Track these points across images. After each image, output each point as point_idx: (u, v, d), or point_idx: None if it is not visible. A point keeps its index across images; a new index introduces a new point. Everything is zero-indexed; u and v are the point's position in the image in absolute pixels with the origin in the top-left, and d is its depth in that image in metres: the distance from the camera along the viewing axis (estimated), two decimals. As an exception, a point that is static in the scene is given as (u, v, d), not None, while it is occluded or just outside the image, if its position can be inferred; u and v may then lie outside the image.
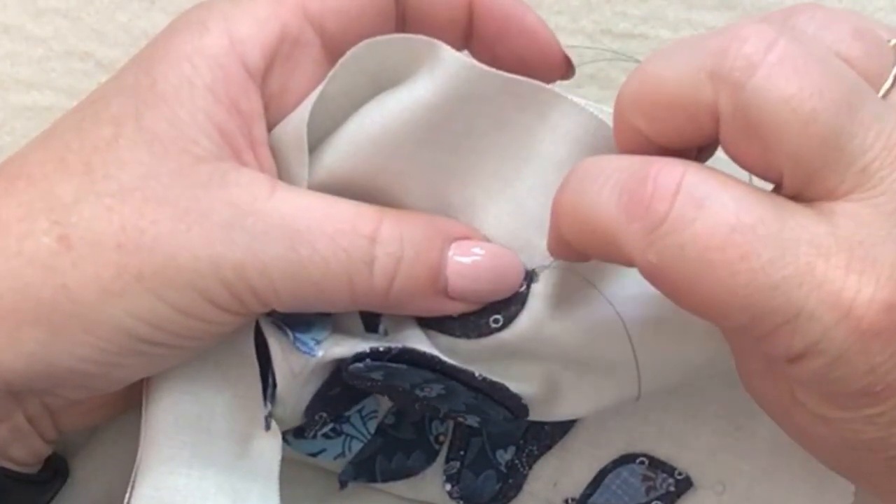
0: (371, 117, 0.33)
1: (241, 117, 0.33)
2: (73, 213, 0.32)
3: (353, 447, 0.39)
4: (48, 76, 0.43)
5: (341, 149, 0.34)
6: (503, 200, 0.34)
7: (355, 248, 0.32)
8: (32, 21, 0.42)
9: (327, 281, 0.32)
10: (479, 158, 0.34)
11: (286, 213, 0.32)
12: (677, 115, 0.29)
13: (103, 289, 0.32)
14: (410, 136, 0.33)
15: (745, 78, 0.28)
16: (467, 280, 0.34)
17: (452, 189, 0.34)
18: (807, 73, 0.28)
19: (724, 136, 0.29)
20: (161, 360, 0.34)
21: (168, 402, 0.35)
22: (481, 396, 0.36)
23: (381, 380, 0.35)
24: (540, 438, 0.40)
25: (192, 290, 0.32)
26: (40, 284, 0.32)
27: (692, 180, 0.28)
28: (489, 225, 0.34)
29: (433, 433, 0.41)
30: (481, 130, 0.33)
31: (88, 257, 0.32)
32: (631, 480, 0.40)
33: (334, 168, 0.34)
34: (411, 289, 0.33)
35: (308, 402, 0.36)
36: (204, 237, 0.32)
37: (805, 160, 0.28)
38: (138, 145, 0.32)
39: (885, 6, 0.38)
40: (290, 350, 0.34)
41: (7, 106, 0.43)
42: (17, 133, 0.43)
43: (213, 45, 0.33)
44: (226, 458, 0.35)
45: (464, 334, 0.35)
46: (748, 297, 0.27)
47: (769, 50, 0.28)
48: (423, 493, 0.41)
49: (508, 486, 0.41)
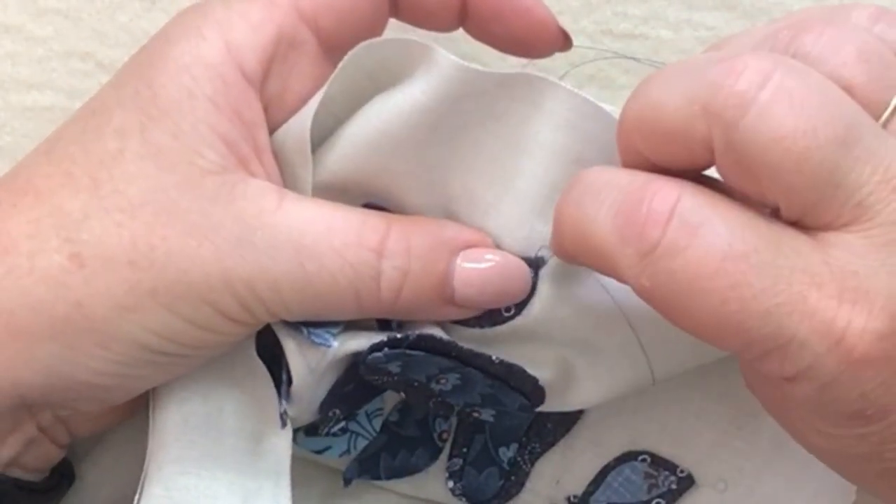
0: (369, 119, 0.33)
1: (244, 126, 0.33)
2: (83, 229, 0.32)
3: (358, 444, 0.40)
4: (49, 76, 0.43)
5: (342, 150, 0.34)
6: (503, 190, 0.34)
7: (362, 263, 0.33)
8: (33, 21, 0.42)
9: (335, 294, 0.33)
10: (477, 151, 0.34)
11: (293, 227, 0.32)
12: (673, 144, 0.29)
13: (117, 305, 0.32)
14: (408, 137, 0.33)
15: (738, 117, 0.27)
16: (474, 289, 0.34)
17: (453, 183, 0.34)
18: (801, 110, 0.27)
19: (720, 168, 0.29)
20: (174, 369, 0.34)
21: (176, 403, 0.35)
22: (497, 384, 0.36)
23: (399, 372, 0.35)
24: (543, 436, 0.41)
25: (205, 304, 0.32)
26: (53, 302, 0.32)
27: (687, 205, 0.28)
28: (492, 215, 0.35)
29: (437, 430, 0.41)
30: (477, 124, 0.34)
31: (101, 274, 0.32)
32: (633, 478, 0.40)
33: (336, 169, 0.34)
34: (418, 299, 0.34)
35: (322, 398, 0.36)
36: (214, 253, 0.32)
37: (800, 197, 0.28)
38: (144, 159, 0.32)
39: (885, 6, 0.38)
40: (305, 345, 0.35)
41: (7, 106, 0.43)
42: (17, 133, 0.43)
43: (211, 54, 0.33)
44: (236, 457, 0.35)
45: (477, 324, 0.35)
46: (740, 323, 0.27)
47: (763, 86, 0.27)
48: (425, 490, 0.42)
49: (511, 483, 0.41)
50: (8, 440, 0.34)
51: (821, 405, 0.28)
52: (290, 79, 0.34)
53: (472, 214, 0.35)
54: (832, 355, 0.27)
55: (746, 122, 0.27)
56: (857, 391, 0.28)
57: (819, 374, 0.27)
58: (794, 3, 0.38)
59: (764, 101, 0.27)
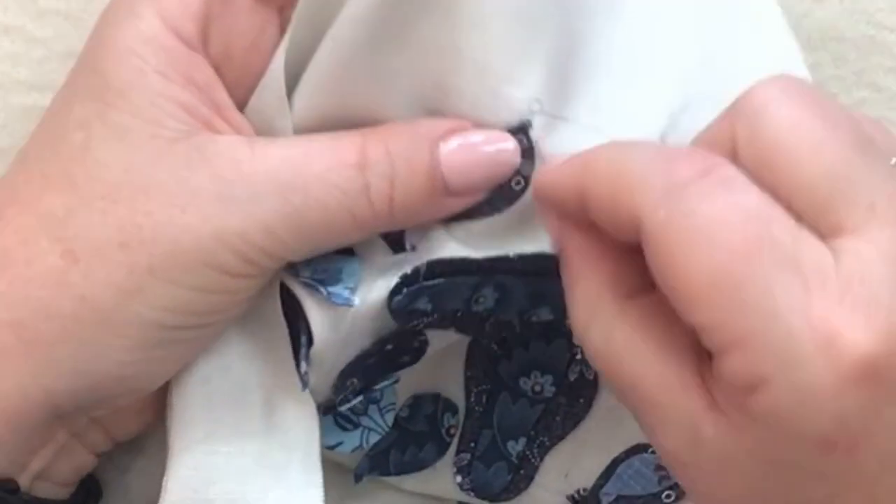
0: (322, 49, 0.33)
1: (198, 89, 0.33)
2: (69, 225, 0.32)
3: (370, 439, 0.40)
4: (49, 77, 0.42)
5: (307, 89, 0.34)
6: (461, 66, 0.33)
7: (346, 181, 0.32)
8: (33, 22, 0.42)
9: (329, 220, 0.33)
10: (425, 41, 0.33)
11: (270, 168, 0.32)
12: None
13: (120, 290, 0.32)
14: (359, 50, 0.32)
15: (763, 106, 0.28)
16: (464, 173, 0.33)
17: (418, 80, 0.33)
18: (820, 108, 0.28)
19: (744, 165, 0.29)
20: (195, 343, 0.34)
21: (198, 382, 0.35)
22: (532, 278, 0.35)
23: (431, 308, 0.35)
24: (551, 429, 0.41)
25: (205, 267, 0.32)
26: (59, 303, 0.32)
27: (727, 169, 0.28)
28: (463, 98, 0.34)
29: (444, 425, 0.41)
30: (422, 6, 0.32)
31: (96, 264, 0.32)
32: (643, 470, 0.41)
33: (309, 109, 0.34)
34: (412, 200, 0.33)
35: (343, 366, 0.36)
36: (200, 215, 0.32)
37: (814, 189, 0.28)
38: (110, 142, 0.32)
39: (885, 7, 0.38)
40: (326, 305, 0.34)
41: (7, 107, 0.42)
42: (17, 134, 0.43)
43: (149, 29, 0.33)
44: (262, 430, 0.35)
45: (495, 209, 0.34)
46: (737, 287, 0.27)
47: (783, 90, 0.29)
48: (434, 485, 0.42)
49: (520, 477, 0.42)
50: (40, 452, 0.34)
51: (786, 423, 0.27)
52: (231, 35, 0.34)
53: (447, 106, 0.34)
54: (820, 358, 0.26)
55: (770, 109, 0.28)
56: (834, 410, 0.26)
57: (800, 378, 0.26)
58: (794, 3, 0.39)
59: (784, 95, 0.28)
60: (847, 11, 0.39)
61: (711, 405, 0.28)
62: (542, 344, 0.40)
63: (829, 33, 0.39)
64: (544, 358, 0.41)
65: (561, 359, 0.40)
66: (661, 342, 0.29)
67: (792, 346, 0.26)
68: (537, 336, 0.40)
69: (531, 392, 0.41)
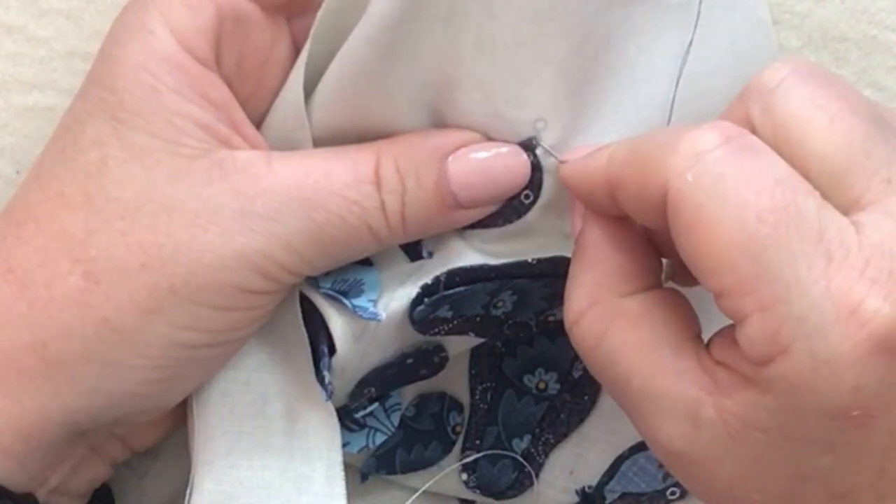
0: (333, 65, 0.33)
1: (214, 107, 0.33)
2: (90, 246, 0.32)
3: (376, 440, 0.40)
4: (50, 77, 0.42)
5: (321, 101, 0.34)
6: (468, 87, 0.34)
7: (365, 198, 0.33)
8: (34, 22, 0.42)
9: (349, 236, 0.33)
10: (433, 63, 0.33)
11: (291, 184, 0.32)
12: None
13: (141, 310, 0.32)
14: (370, 67, 0.33)
15: (776, 82, 0.29)
16: (473, 186, 0.34)
17: (428, 97, 0.34)
18: (835, 87, 0.29)
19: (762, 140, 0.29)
20: (216, 361, 0.34)
21: (219, 395, 0.35)
22: (549, 281, 0.35)
23: (452, 315, 0.35)
24: (556, 427, 0.41)
25: (227, 286, 0.32)
26: (81, 324, 0.32)
27: (754, 137, 0.28)
28: (469, 115, 0.34)
29: (450, 424, 0.42)
30: (429, 28, 0.33)
31: (118, 286, 0.32)
32: (647, 467, 0.41)
33: (323, 121, 0.34)
34: (424, 215, 0.34)
35: (363, 375, 0.36)
36: (222, 234, 0.32)
37: (832, 158, 0.28)
38: (128, 162, 0.32)
39: (887, 6, 0.39)
40: (349, 316, 0.35)
41: (9, 106, 0.42)
42: (18, 134, 0.43)
43: (162, 46, 0.33)
44: (284, 442, 0.36)
45: (507, 220, 0.35)
46: (762, 251, 0.26)
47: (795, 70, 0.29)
48: (440, 484, 0.42)
49: (524, 474, 0.42)
50: (59, 468, 0.34)
51: (803, 392, 0.27)
52: (243, 52, 0.34)
53: (458, 118, 0.34)
54: (840, 329, 0.26)
55: (784, 85, 0.28)
56: (852, 380, 0.26)
57: (819, 347, 0.26)
58: (795, 3, 0.39)
59: (796, 74, 0.29)
60: (849, 11, 0.39)
61: (712, 388, 0.29)
62: (546, 341, 0.41)
63: (831, 33, 0.39)
64: (549, 355, 0.41)
65: (565, 356, 0.41)
66: (657, 335, 0.30)
67: (813, 316, 0.26)
68: (541, 333, 0.40)
69: (536, 389, 0.41)
